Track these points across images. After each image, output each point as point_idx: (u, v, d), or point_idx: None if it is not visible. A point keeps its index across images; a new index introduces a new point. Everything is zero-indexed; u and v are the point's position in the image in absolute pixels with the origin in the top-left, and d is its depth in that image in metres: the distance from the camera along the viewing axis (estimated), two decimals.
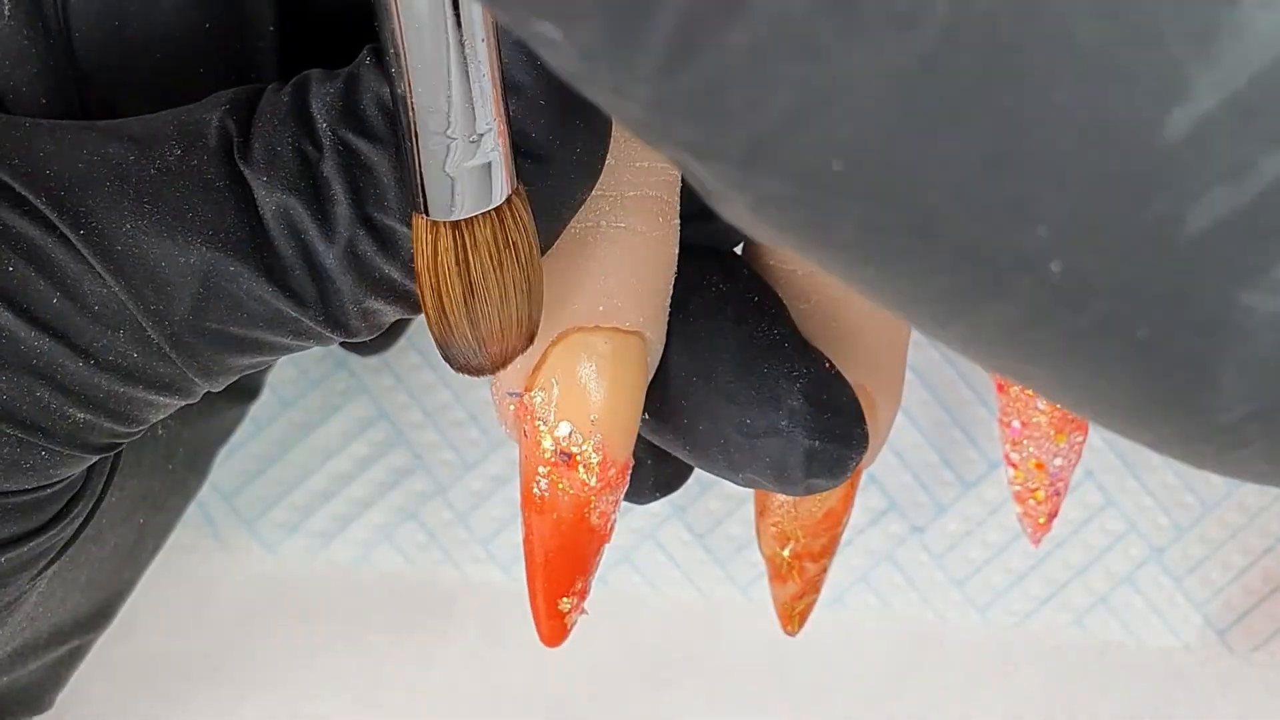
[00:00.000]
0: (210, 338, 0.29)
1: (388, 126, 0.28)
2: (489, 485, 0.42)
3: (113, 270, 0.29)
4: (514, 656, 0.42)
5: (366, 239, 0.28)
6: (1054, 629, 0.42)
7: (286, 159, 0.29)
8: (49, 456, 0.30)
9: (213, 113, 0.29)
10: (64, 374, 0.29)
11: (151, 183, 0.29)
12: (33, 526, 0.31)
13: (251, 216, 0.29)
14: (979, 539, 0.42)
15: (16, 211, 0.29)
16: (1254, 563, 0.42)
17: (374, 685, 0.42)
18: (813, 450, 0.31)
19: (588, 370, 0.30)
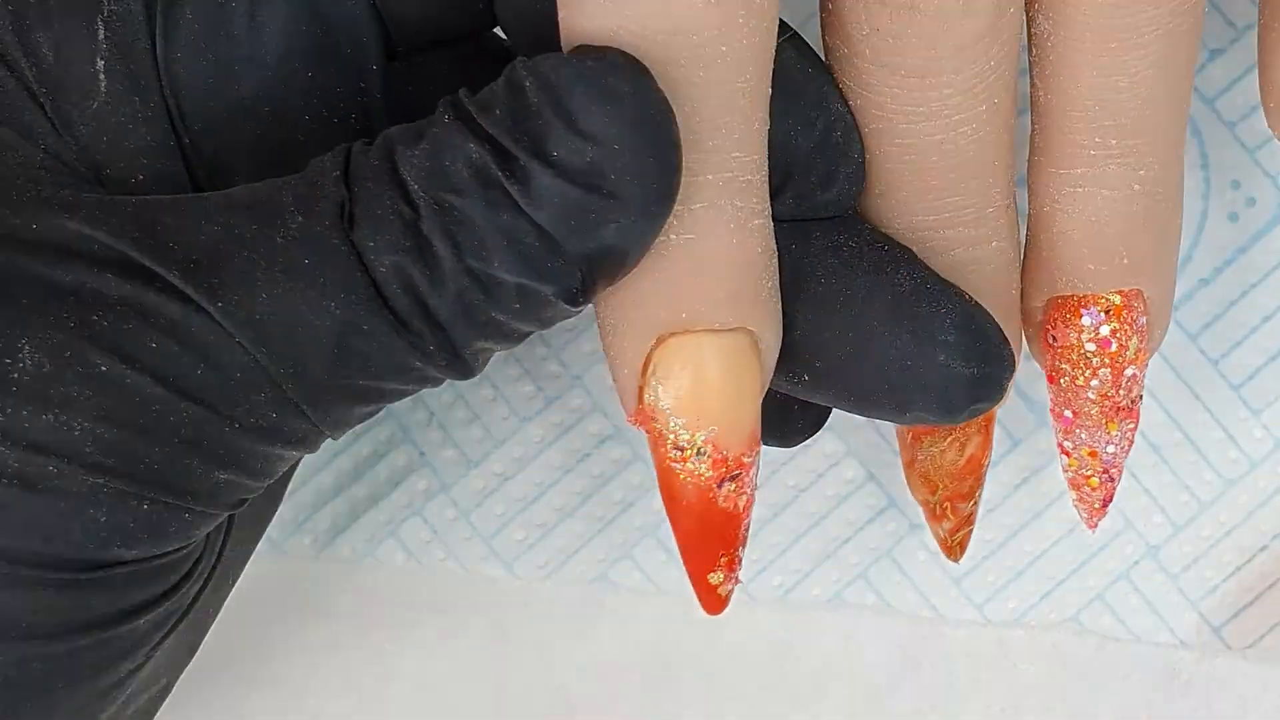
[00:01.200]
0: (342, 392, 0.32)
1: (474, 180, 0.30)
2: (492, 482, 0.42)
3: (253, 339, 0.31)
4: (516, 653, 0.42)
5: (472, 289, 0.31)
6: (1051, 625, 0.42)
7: (389, 222, 0.31)
8: (191, 519, 0.32)
9: (323, 179, 0.31)
10: (211, 440, 0.31)
11: (280, 251, 0.31)
12: (168, 586, 0.33)
13: (368, 276, 0.31)
14: (976, 536, 0.42)
15: (151, 288, 0.30)
16: (1250, 560, 0.42)
17: (378, 682, 0.42)
18: (973, 377, 0.33)
19: (688, 371, 0.32)
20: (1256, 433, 0.42)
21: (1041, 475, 0.42)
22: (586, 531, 0.42)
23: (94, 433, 0.30)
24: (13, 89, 0.33)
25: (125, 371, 0.30)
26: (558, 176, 0.30)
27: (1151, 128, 0.34)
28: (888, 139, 0.34)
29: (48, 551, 0.31)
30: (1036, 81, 0.35)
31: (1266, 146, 0.42)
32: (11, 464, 0.30)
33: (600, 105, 0.30)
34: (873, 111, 0.34)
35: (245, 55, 0.33)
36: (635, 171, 0.30)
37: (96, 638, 0.32)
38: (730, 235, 0.32)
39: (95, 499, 0.31)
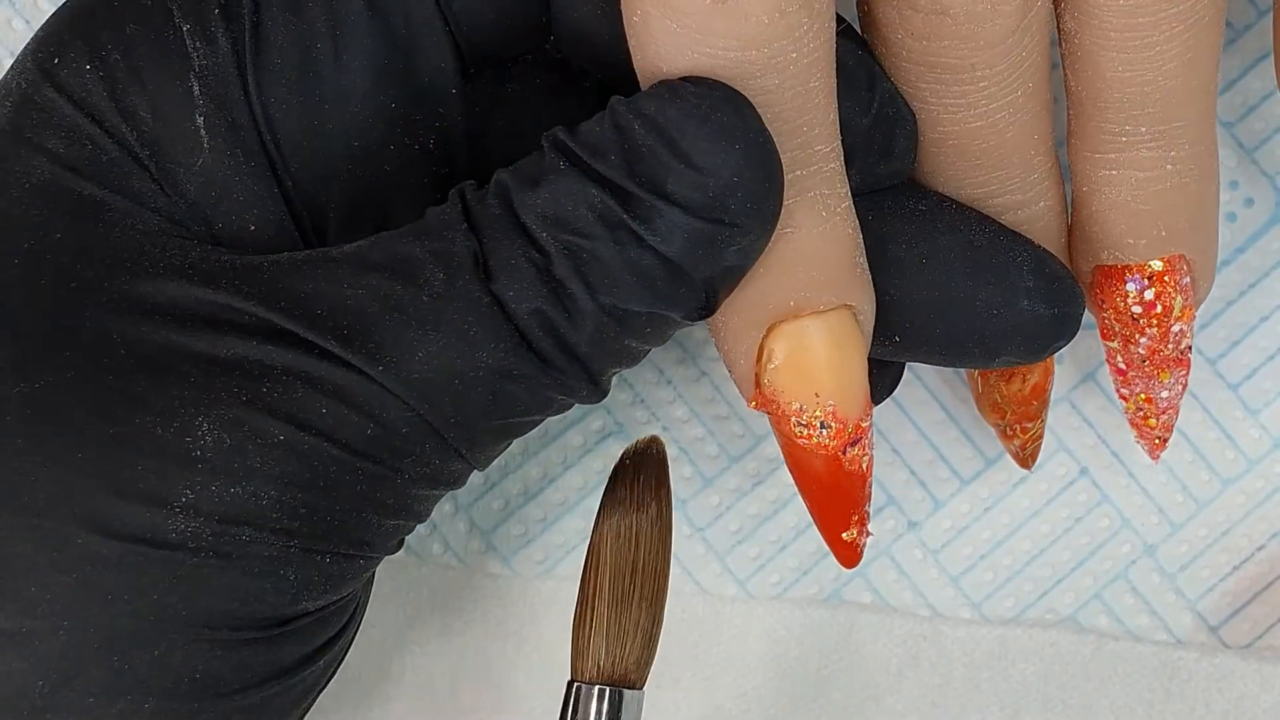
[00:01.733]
0: (496, 433, 0.34)
1: (598, 222, 0.32)
2: (492, 478, 0.43)
3: (416, 396, 0.32)
4: (515, 649, 0.42)
5: (608, 324, 0.33)
6: (1049, 624, 0.42)
7: (524, 270, 0.32)
8: (365, 564, 0.34)
9: (454, 233, 0.32)
10: (383, 492, 0.33)
11: (429, 310, 0.32)
12: (341, 625, 0.35)
13: (512, 324, 0.32)
14: (974, 535, 0.42)
15: (311, 355, 0.32)
16: (1247, 559, 0.42)
17: (378, 678, 0.42)
18: (1055, 316, 0.35)
19: (800, 352, 0.34)
20: (1254, 432, 0.42)
21: (1039, 474, 0.42)
22: (585, 527, 0.42)
23: (279, 499, 0.32)
24: (117, 156, 0.33)
25: (302, 438, 0.32)
26: (682, 212, 0.32)
27: (1181, 112, 0.35)
28: (930, 128, 0.36)
29: (244, 613, 0.33)
30: (1068, 73, 0.36)
31: (1264, 147, 0.42)
32: (206, 537, 0.32)
33: (714, 142, 0.31)
34: (914, 104, 0.35)
35: (335, 94, 0.34)
36: (753, 198, 0.32)
37: (286, 684, 0.34)
38: (823, 223, 0.33)
39: (284, 559, 0.32)
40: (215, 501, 0.32)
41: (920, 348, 0.36)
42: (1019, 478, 0.42)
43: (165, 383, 0.32)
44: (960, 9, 0.34)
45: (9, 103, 0.34)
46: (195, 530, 0.32)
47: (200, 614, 0.32)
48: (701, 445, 0.42)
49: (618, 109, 0.32)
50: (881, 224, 0.35)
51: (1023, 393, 0.39)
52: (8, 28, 0.42)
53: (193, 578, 0.32)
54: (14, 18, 0.42)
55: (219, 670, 0.33)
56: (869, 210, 0.35)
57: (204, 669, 0.33)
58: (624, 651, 0.35)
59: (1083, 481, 0.42)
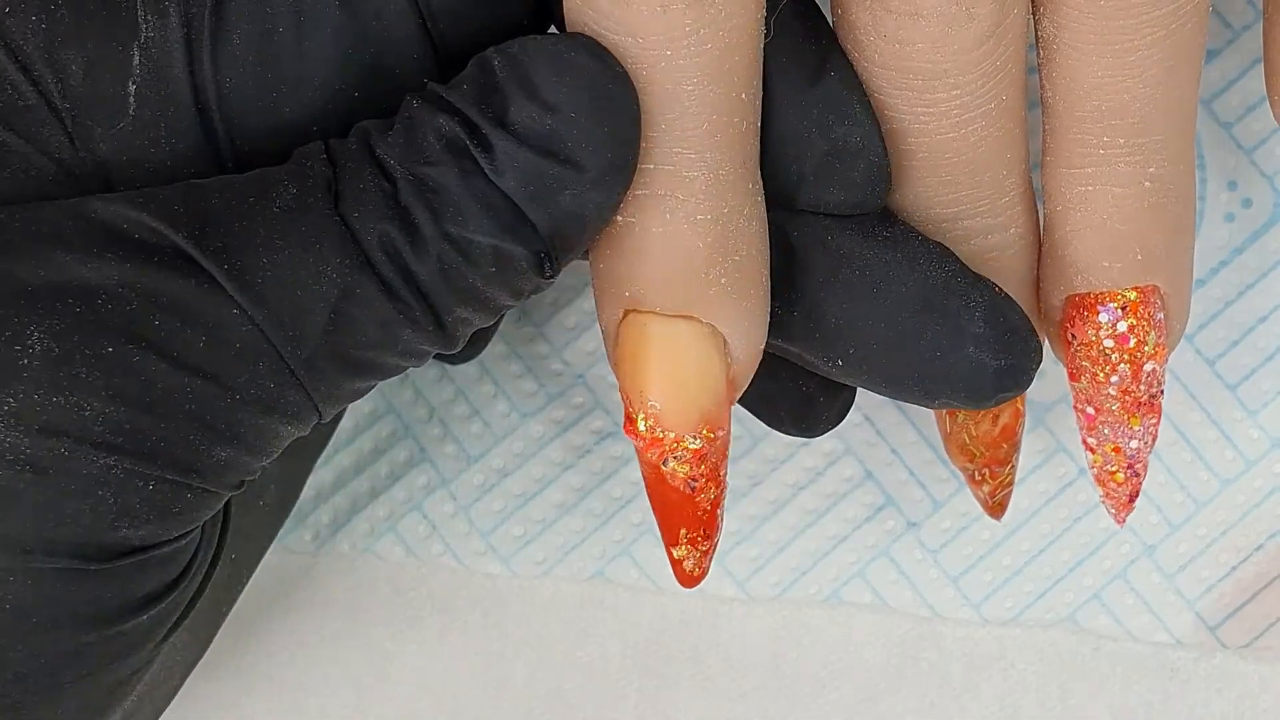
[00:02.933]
0: (337, 361, 0.33)
1: (445, 150, 0.32)
2: (491, 478, 0.43)
3: (255, 301, 0.32)
4: (514, 650, 0.42)
5: (451, 253, 0.32)
6: (1048, 625, 0.42)
7: (370, 194, 0.32)
8: (194, 499, 0.33)
9: (311, 160, 0.33)
10: (213, 413, 0.32)
11: (279, 218, 0.32)
12: (171, 578, 0.34)
13: (357, 245, 0.32)
14: (973, 535, 0.42)
15: (149, 266, 0.32)
16: (1246, 559, 0.42)
17: (377, 678, 0.42)
18: (1000, 368, 0.35)
19: (635, 346, 0.34)
20: (1253, 433, 0.42)
21: (1038, 474, 0.42)
22: (585, 528, 0.43)
23: (103, 412, 0.31)
24: (34, 103, 0.33)
25: (131, 350, 0.31)
26: (518, 144, 0.32)
27: (1160, 125, 0.35)
28: (899, 138, 0.35)
29: (58, 536, 0.31)
30: (1044, 82, 0.35)
31: (1263, 147, 0.42)
32: (24, 449, 0.31)
33: (560, 75, 0.32)
34: (885, 113, 0.35)
35: (293, 79, 0.34)
36: (592, 139, 0.32)
37: (103, 633, 0.33)
38: (666, 225, 0.33)
39: (104, 479, 0.31)
40: (37, 411, 0.31)
41: (862, 375, 0.35)
42: (1017, 478, 0.42)
43: (2, 291, 0.31)
44: (933, 11, 0.33)
45: None
46: (14, 442, 0.31)
47: (12, 534, 0.31)
48: None
49: (487, 51, 0.33)
50: (840, 246, 0.35)
51: (992, 434, 0.38)
52: None
53: (6, 492, 0.31)
54: None
55: (30, 602, 0.32)
56: (830, 230, 0.35)
57: (14, 600, 0.32)
58: None
59: (1082, 481, 0.42)
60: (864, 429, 0.42)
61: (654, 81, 0.32)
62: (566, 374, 0.43)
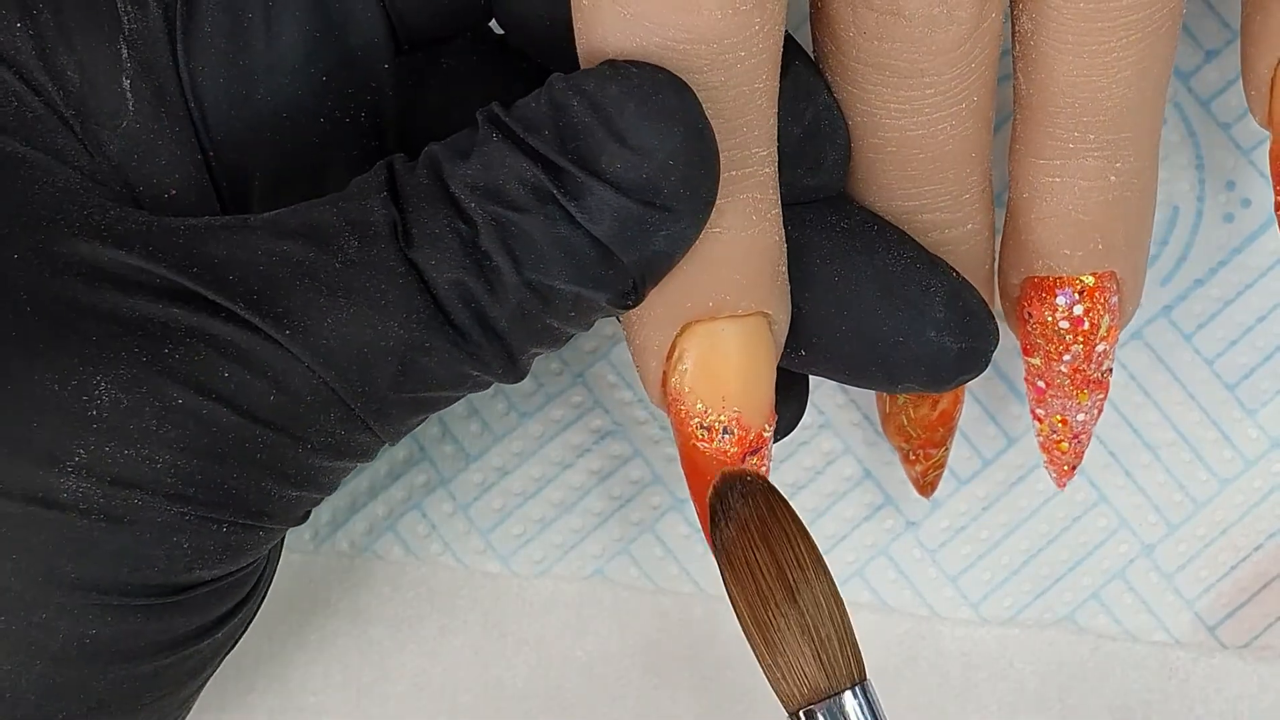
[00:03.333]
0: (405, 406, 0.33)
1: (529, 195, 0.31)
2: (491, 477, 0.43)
3: (322, 363, 0.32)
4: (513, 649, 0.42)
5: (532, 300, 0.32)
6: (1046, 624, 0.42)
7: (447, 239, 0.32)
8: (265, 535, 0.33)
9: (372, 201, 0.32)
10: (284, 462, 0.32)
11: (340, 276, 0.32)
12: (241, 598, 0.34)
13: (428, 294, 0.32)
14: (972, 535, 0.42)
15: (218, 318, 0.31)
16: (1245, 559, 0.42)
17: (377, 678, 0.42)
18: (961, 351, 0.35)
19: (712, 354, 0.34)
20: (1251, 432, 0.42)
21: (1037, 474, 0.42)
22: (584, 527, 0.43)
23: (174, 464, 0.31)
24: (42, 113, 0.33)
25: (201, 402, 0.31)
26: (614, 191, 0.31)
27: (1130, 123, 0.35)
28: (871, 132, 0.35)
29: (135, 580, 0.32)
30: (1020, 76, 0.36)
31: (1262, 148, 0.42)
32: (97, 500, 0.31)
33: (652, 122, 0.31)
34: (858, 107, 0.35)
35: (264, 65, 0.34)
36: (687, 183, 0.31)
37: (180, 654, 0.34)
38: (751, 226, 0.33)
39: (178, 526, 0.32)
40: (108, 463, 0.31)
41: (825, 364, 0.36)
42: (1016, 478, 0.42)
43: (66, 340, 0.31)
44: (916, 12, 0.33)
45: None
46: (86, 492, 0.31)
47: (89, 578, 0.32)
48: None
49: (556, 85, 0.32)
50: (800, 235, 0.35)
51: (930, 418, 0.39)
52: None
53: (82, 540, 0.31)
54: None
55: (109, 637, 0.32)
56: (789, 221, 0.35)
57: (94, 635, 0.32)
58: (829, 653, 0.35)
59: (1080, 481, 0.42)
60: (863, 428, 0.43)
61: (730, 85, 0.32)
62: (565, 373, 0.43)
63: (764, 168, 0.33)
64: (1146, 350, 0.42)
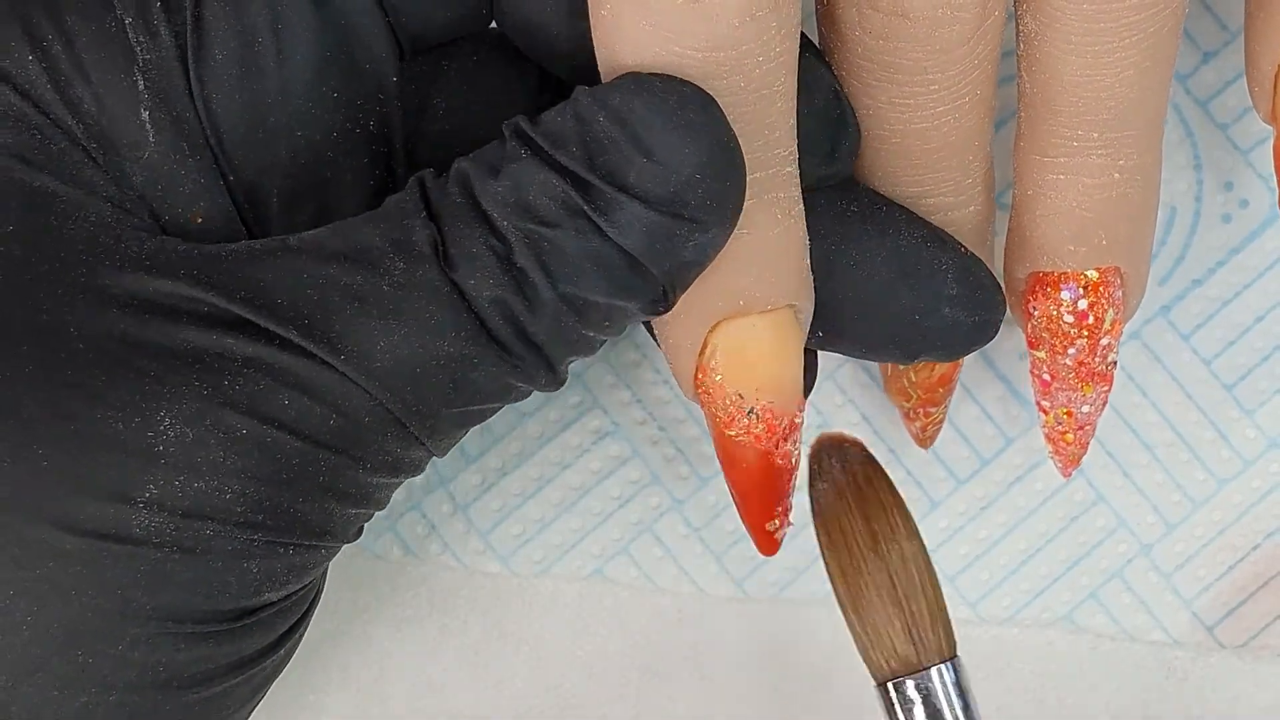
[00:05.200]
0: (456, 420, 0.34)
1: (560, 211, 0.32)
2: (490, 477, 0.43)
3: (378, 385, 0.32)
4: (513, 648, 0.42)
5: (568, 313, 0.33)
6: (1045, 624, 0.42)
7: (485, 258, 0.32)
8: (325, 554, 0.34)
9: (413, 222, 0.33)
10: (345, 482, 0.33)
11: (390, 299, 0.32)
12: (301, 614, 0.35)
13: (470, 311, 0.32)
14: (970, 535, 0.43)
15: (273, 346, 0.32)
16: (1243, 559, 0.42)
17: (376, 678, 0.42)
18: (974, 324, 0.36)
19: (744, 349, 0.35)
20: (1249, 432, 0.42)
21: (1035, 474, 0.42)
22: (584, 527, 0.43)
23: (243, 493, 0.32)
24: (66, 146, 0.34)
25: (265, 430, 0.32)
26: (642, 205, 0.32)
27: (1133, 121, 0.36)
28: (875, 125, 0.36)
29: (207, 606, 0.33)
30: (1024, 74, 0.36)
31: (1259, 148, 0.42)
32: (170, 532, 0.32)
33: (678, 137, 0.32)
34: (863, 101, 0.36)
35: (277, 87, 0.34)
36: (714, 195, 0.32)
37: (246, 674, 0.34)
38: (779, 225, 0.34)
39: (248, 553, 0.32)
40: (179, 496, 0.32)
41: (843, 342, 0.37)
42: (1015, 477, 0.42)
43: (125, 377, 0.32)
44: (920, 12, 0.34)
45: None
46: (159, 525, 0.32)
47: (164, 608, 0.32)
48: (698, 445, 0.43)
49: (581, 99, 0.32)
50: (814, 221, 0.35)
51: (930, 379, 0.40)
52: None
53: (156, 572, 0.32)
54: None
55: (182, 663, 0.33)
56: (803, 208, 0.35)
57: (167, 662, 0.33)
58: (920, 627, 0.36)
59: (1079, 481, 0.42)
60: (861, 429, 0.43)
61: (749, 90, 0.33)
62: None
63: (786, 166, 0.34)
64: (1145, 350, 0.42)
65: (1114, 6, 0.34)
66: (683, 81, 0.32)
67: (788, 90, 0.33)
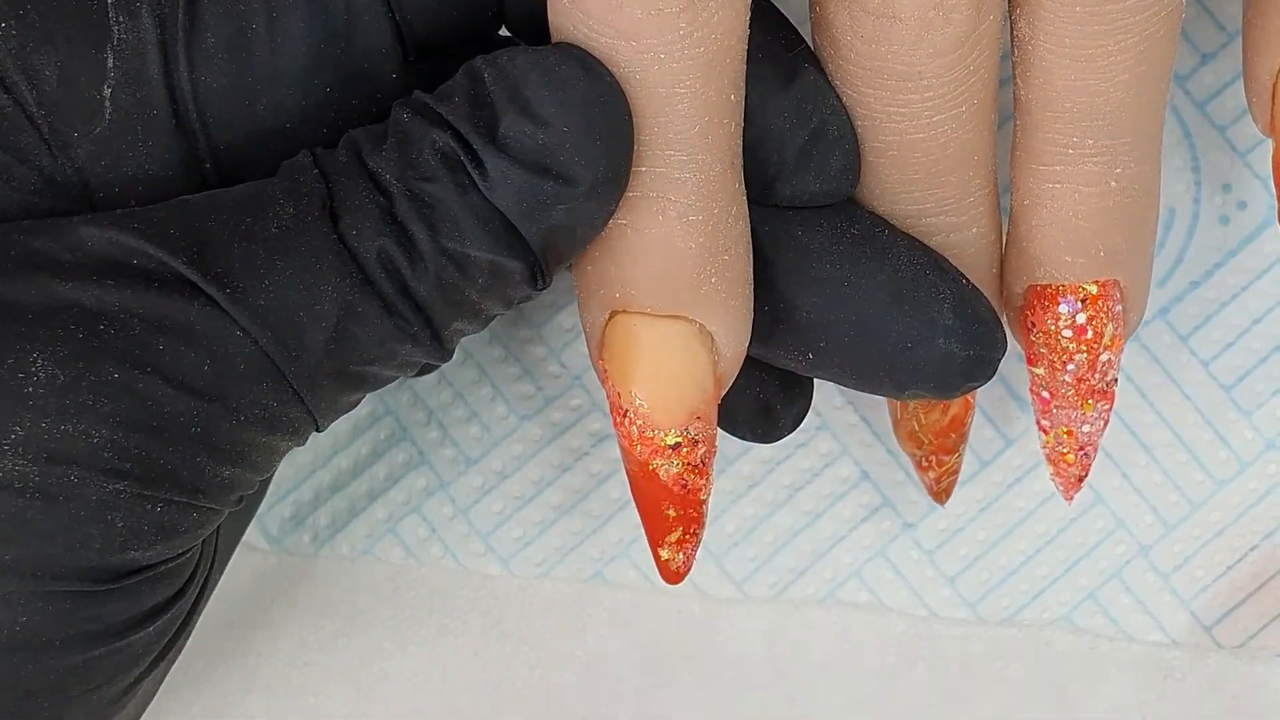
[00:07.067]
0: (336, 377, 0.33)
1: (441, 165, 0.32)
2: (490, 480, 0.43)
3: (258, 325, 0.32)
4: (513, 651, 0.42)
5: (449, 267, 0.32)
6: (1043, 624, 0.42)
7: (368, 210, 0.32)
8: (199, 518, 0.33)
9: (303, 175, 0.33)
10: (217, 435, 0.32)
11: (278, 240, 0.32)
12: (174, 591, 0.34)
13: (355, 263, 0.32)
14: (970, 536, 0.43)
15: (151, 290, 0.32)
16: (1241, 559, 0.42)
17: (377, 678, 0.42)
18: (969, 359, 0.35)
19: (625, 347, 0.34)
20: (1247, 434, 0.42)
21: (1034, 475, 0.43)
22: (584, 529, 0.43)
23: (111, 439, 0.31)
24: (9, 110, 0.33)
25: (136, 376, 0.31)
26: (511, 161, 0.32)
27: (1129, 128, 0.35)
28: (871, 136, 0.35)
29: (69, 560, 0.32)
30: (1019, 81, 0.36)
31: (1257, 150, 0.42)
32: (33, 477, 0.31)
33: (551, 91, 0.32)
34: (858, 111, 0.35)
35: (267, 75, 0.34)
36: (585, 154, 0.32)
37: (111, 646, 0.33)
38: (659, 227, 0.33)
39: (113, 504, 0.32)
40: (44, 439, 0.31)
41: (832, 368, 0.36)
42: (1014, 479, 0.43)
43: (3, 318, 0.31)
44: (911, 15, 0.34)
45: None
46: (22, 470, 0.31)
47: (24, 560, 0.31)
48: None
49: (475, 61, 0.33)
50: (810, 240, 0.35)
51: (941, 423, 0.39)
52: None
53: (17, 520, 0.31)
54: None
55: (40, 624, 0.32)
56: (799, 225, 0.35)
57: (24, 622, 0.32)
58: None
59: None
60: (860, 430, 0.43)
61: (647, 85, 0.32)
62: (564, 376, 0.43)
63: (683, 173, 0.33)
64: (1143, 352, 0.42)
65: (1107, 10, 0.34)
66: (573, 46, 0.32)
67: (694, 97, 0.33)
